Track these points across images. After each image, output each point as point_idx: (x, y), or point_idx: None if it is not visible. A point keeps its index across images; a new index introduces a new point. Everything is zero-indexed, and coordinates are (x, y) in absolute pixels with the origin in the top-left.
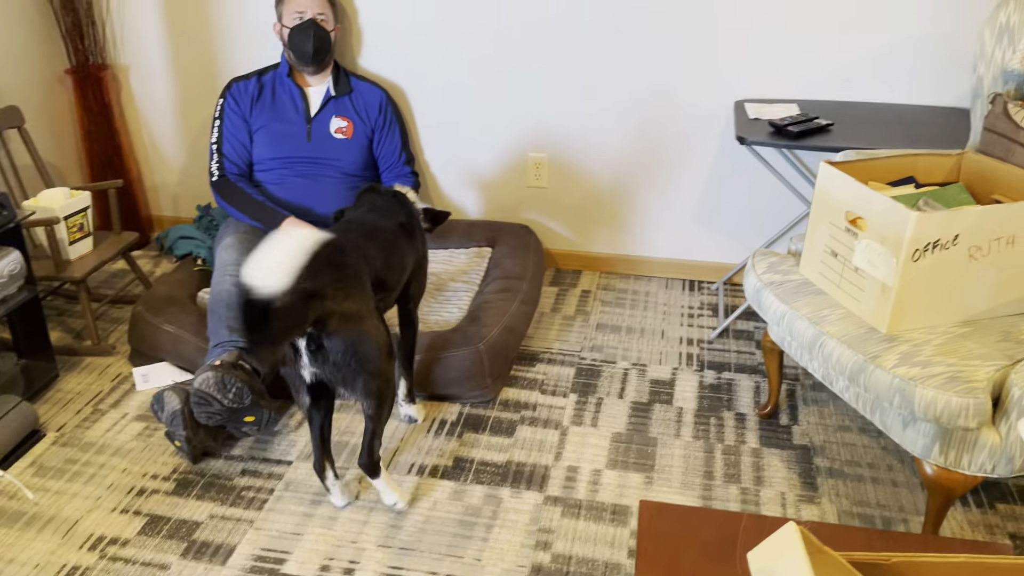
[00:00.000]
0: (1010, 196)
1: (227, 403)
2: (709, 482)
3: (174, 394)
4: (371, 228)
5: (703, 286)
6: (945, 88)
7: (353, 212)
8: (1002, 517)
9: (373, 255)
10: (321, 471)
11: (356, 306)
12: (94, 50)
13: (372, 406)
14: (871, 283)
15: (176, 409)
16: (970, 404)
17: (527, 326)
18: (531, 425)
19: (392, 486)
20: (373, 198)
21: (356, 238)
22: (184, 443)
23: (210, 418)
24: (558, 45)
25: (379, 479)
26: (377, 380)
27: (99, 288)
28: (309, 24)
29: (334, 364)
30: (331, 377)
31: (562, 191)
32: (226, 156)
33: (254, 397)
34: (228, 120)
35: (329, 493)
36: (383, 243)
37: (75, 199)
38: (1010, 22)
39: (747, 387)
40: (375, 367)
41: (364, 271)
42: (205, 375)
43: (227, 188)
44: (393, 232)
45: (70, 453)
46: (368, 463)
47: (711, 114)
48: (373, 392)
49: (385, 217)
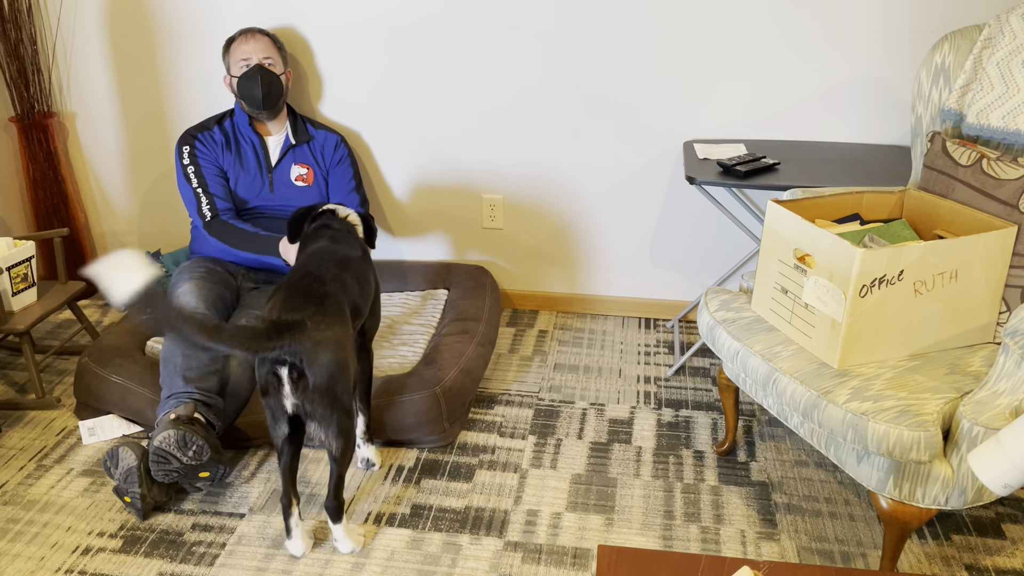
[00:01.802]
0: (952, 231)
1: (187, 460)
2: (669, 522)
3: (130, 451)
4: (342, 257)
5: (658, 324)
6: (886, 127)
7: (315, 243)
8: (958, 549)
9: (349, 284)
10: (288, 506)
11: (336, 336)
12: (40, 98)
13: (340, 447)
14: (821, 319)
15: (132, 466)
16: (921, 437)
17: (484, 368)
18: (490, 469)
19: (350, 533)
20: (332, 232)
21: (333, 268)
22: (137, 500)
23: (167, 476)
24: (512, 89)
25: (339, 524)
26: (347, 420)
27: (44, 339)
28: (255, 70)
29: (313, 394)
30: (309, 409)
31: (517, 232)
32: (215, 195)
33: (211, 453)
34: (204, 162)
35: (289, 538)
36: (355, 272)
37: (19, 249)
38: (945, 63)
39: (705, 424)
40: (347, 405)
41: (344, 300)
42: (166, 433)
43: (221, 229)
44: (360, 260)
45: (12, 512)
46: (334, 505)
47: (662, 155)
48: (343, 431)
49: (350, 246)
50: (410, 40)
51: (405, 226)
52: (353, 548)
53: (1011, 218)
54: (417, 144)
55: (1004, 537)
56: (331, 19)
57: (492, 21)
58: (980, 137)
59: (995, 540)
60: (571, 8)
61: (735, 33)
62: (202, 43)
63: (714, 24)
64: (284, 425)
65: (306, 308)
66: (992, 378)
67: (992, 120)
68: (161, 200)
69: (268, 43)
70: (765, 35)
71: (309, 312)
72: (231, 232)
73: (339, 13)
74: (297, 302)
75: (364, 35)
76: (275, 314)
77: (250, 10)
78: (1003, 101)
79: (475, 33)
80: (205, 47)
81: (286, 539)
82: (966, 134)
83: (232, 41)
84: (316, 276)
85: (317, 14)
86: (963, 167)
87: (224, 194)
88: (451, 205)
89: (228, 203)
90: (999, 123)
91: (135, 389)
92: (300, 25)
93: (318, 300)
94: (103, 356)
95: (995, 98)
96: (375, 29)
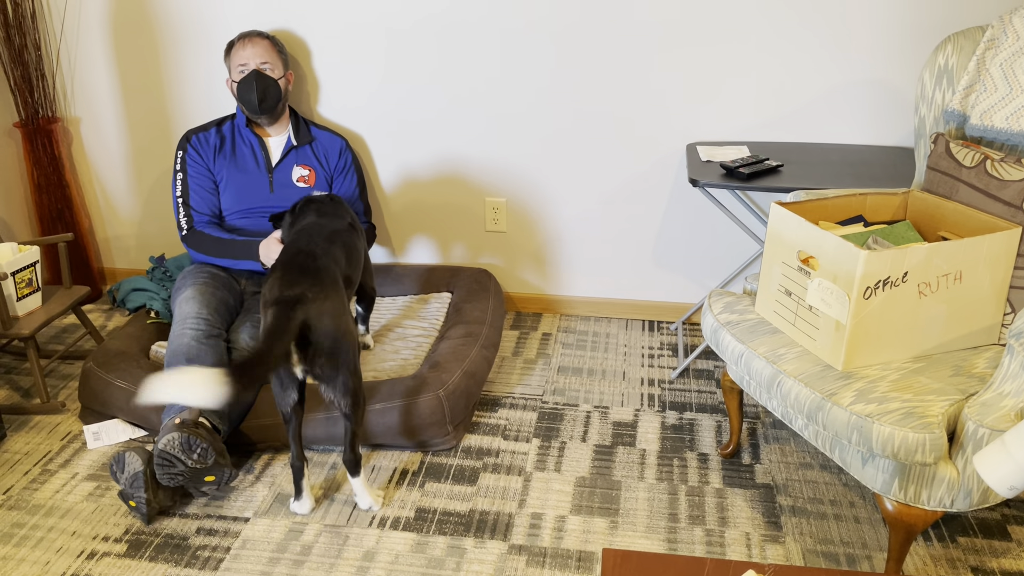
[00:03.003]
0: (956, 233)
1: (191, 464)
2: (674, 524)
3: (136, 455)
4: (330, 231)
5: (662, 326)
6: (890, 128)
7: (303, 219)
8: (963, 551)
9: (339, 256)
10: (300, 468)
11: (334, 306)
12: (44, 103)
13: (349, 404)
14: (825, 321)
15: (138, 471)
16: (926, 439)
17: (488, 371)
18: (494, 472)
19: (369, 489)
20: (317, 205)
21: (322, 242)
22: (143, 504)
23: (172, 479)
24: (514, 91)
25: (358, 478)
26: (353, 378)
27: (48, 344)
28: (252, 75)
29: (320, 359)
30: (318, 373)
31: (521, 235)
32: (194, 208)
33: (216, 456)
34: (192, 171)
35: (298, 499)
36: (343, 243)
37: (23, 254)
38: (948, 64)
39: (709, 427)
40: (352, 366)
41: (336, 272)
42: (170, 436)
43: (198, 239)
44: (347, 231)
45: (17, 517)
46: (351, 458)
47: (665, 157)
48: (351, 390)
49: (335, 219)
50: (412, 43)
51: (407, 229)
52: (371, 505)
53: (1015, 219)
54: (419, 147)
55: (1010, 539)
56: (333, 22)
57: (496, 23)
58: (984, 138)
59: (1001, 542)
60: (574, 10)
61: (737, 35)
62: (205, 46)
63: (716, 25)
64: (293, 392)
65: (303, 282)
66: (997, 380)
67: (996, 121)
68: (165, 204)
69: (267, 47)
70: (768, 37)
71: (307, 285)
72: (207, 241)
73: (340, 16)
74: (294, 277)
75: (365, 38)
76: (276, 292)
77: (252, 12)
78: (1007, 102)
79: (478, 36)
80: (208, 50)
81: (293, 501)
82: (969, 135)
83: (233, 45)
84: (308, 252)
85: (319, 17)
86: (967, 168)
87: (205, 206)
88: (454, 208)
89: (206, 215)
90: (1003, 124)
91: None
92: (301, 27)
93: (313, 274)
94: (108, 360)
95: (998, 99)
96: (376, 33)
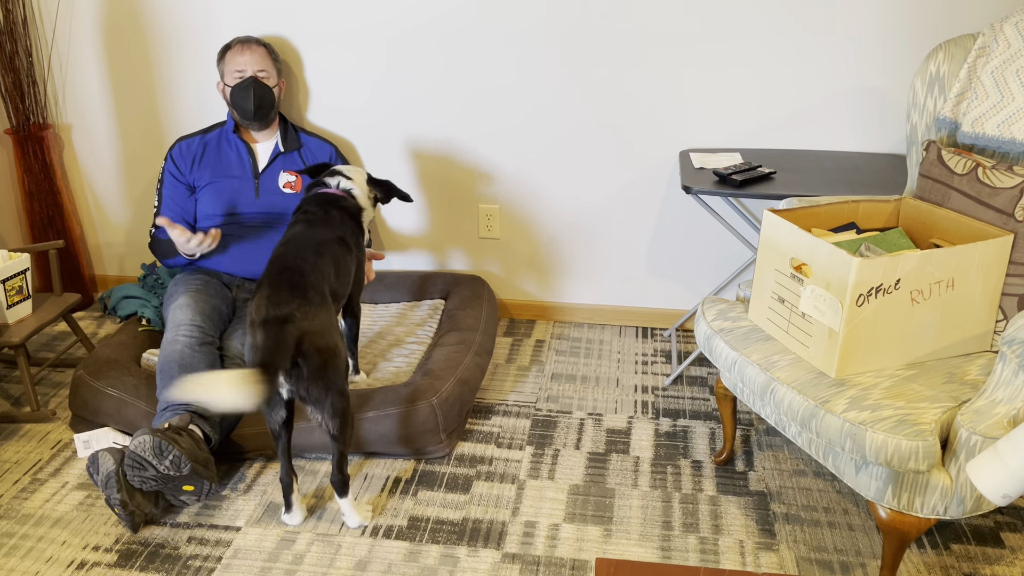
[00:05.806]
0: (948, 240)
1: (162, 470)
2: (668, 532)
3: (109, 455)
4: (317, 242)
5: (656, 333)
6: (882, 136)
7: (292, 228)
8: (957, 558)
9: (327, 270)
10: (289, 483)
11: (323, 324)
12: (35, 110)
13: (337, 426)
14: (818, 328)
15: (110, 470)
16: (919, 446)
17: (481, 378)
18: (487, 480)
19: (357, 508)
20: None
21: (310, 257)
22: (117, 505)
23: (144, 483)
24: (507, 97)
25: (346, 499)
26: (341, 399)
27: (39, 352)
28: (249, 82)
29: (308, 381)
30: (304, 394)
31: (514, 241)
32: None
33: (193, 466)
34: (168, 184)
35: (288, 512)
36: (332, 256)
37: (13, 261)
38: (940, 72)
39: (702, 434)
40: (340, 387)
41: (325, 289)
42: (142, 438)
43: (156, 245)
44: (337, 243)
45: (6, 526)
46: (339, 479)
47: (658, 164)
48: (339, 411)
49: (327, 229)
50: (405, 51)
51: (401, 236)
52: (361, 522)
53: (1007, 226)
54: (410, 154)
55: (1003, 546)
56: (325, 29)
57: (489, 31)
58: (975, 146)
59: (994, 549)
60: (567, 19)
61: (730, 43)
62: (197, 54)
63: (709, 33)
64: (281, 410)
65: (291, 302)
66: (990, 387)
67: (987, 128)
68: None
69: (263, 54)
70: (760, 45)
71: (295, 305)
72: (163, 246)
73: (333, 23)
74: (282, 297)
75: (358, 46)
76: (263, 312)
77: (244, 19)
78: (998, 110)
79: (472, 44)
80: (200, 58)
81: (284, 513)
82: (961, 143)
83: (228, 49)
84: (295, 269)
85: (311, 24)
86: (959, 176)
87: (177, 216)
88: (447, 215)
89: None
90: (994, 131)
91: (130, 401)
92: (294, 34)
93: (301, 293)
94: (98, 369)
95: (990, 107)
96: (369, 40)
